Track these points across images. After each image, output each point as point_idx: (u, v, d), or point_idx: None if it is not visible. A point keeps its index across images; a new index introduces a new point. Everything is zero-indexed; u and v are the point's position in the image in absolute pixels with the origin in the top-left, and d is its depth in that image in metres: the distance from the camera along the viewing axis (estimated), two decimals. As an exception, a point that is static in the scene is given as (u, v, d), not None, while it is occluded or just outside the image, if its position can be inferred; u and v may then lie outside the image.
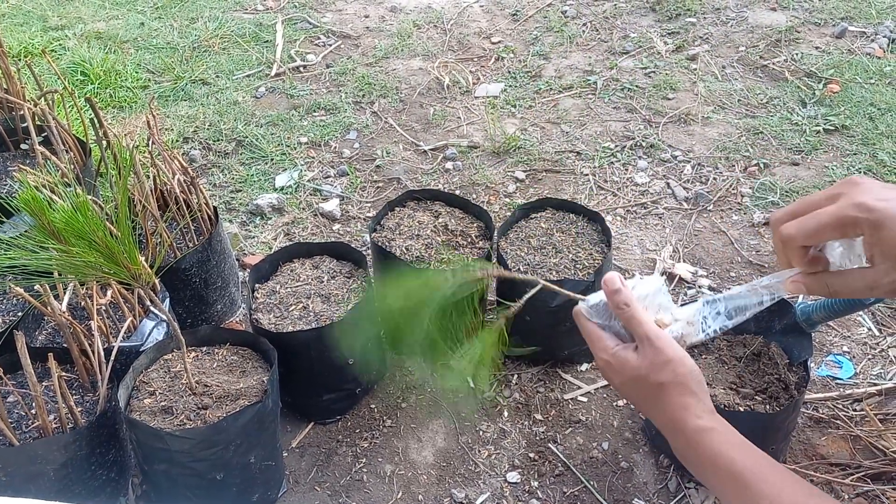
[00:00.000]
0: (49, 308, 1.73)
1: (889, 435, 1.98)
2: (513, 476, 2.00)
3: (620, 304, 0.98)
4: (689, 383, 0.94)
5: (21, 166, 2.25)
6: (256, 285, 2.14)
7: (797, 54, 3.71)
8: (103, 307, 1.95)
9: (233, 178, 3.08)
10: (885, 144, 3.06)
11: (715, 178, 2.98)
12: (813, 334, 1.91)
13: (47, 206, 1.44)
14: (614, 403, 2.17)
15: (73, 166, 2.34)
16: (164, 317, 1.75)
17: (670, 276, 2.55)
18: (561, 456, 2.04)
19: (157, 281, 1.99)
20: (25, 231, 1.51)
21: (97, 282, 1.88)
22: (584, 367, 2.27)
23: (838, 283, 0.83)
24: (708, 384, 1.79)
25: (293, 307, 2.06)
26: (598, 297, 1.06)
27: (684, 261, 2.61)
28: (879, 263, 0.77)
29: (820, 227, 0.80)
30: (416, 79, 3.72)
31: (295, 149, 3.24)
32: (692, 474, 0.99)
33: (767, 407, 1.80)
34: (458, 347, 1.10)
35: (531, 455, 2.05)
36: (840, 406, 2.11)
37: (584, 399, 2.19)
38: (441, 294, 1.08)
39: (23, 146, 2.67)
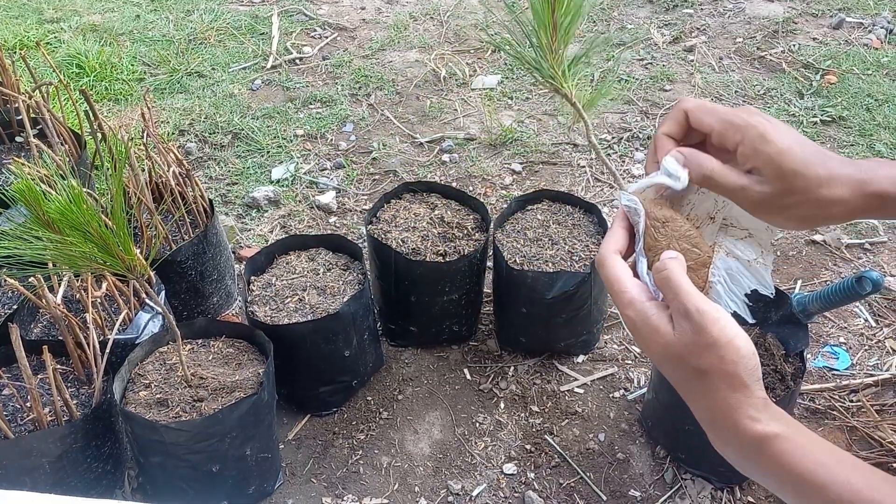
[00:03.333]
0: (44, 300, 1.73)
1: (885, 426, 1.98)
2: (509, 467, 2.00)
3: (660, 267, 0.76)
4: (739, 373, 0.72)
5: (16, 159, 2.24)
6: (252, 278, 2.14)
7: (794, 45, 3.70)
8: (98, 299, 1.95)
9: (229, 171, 3.07)
10: (882, 135, 3.06)
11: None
12: (809, 325, 1.91)
13: (42, 197, 1.44)
14: (610, 395, 2.17)
15: (68, 159, 2.33)
16: (160, 309, 1.75)
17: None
18: (557, 447, 2.04)
19: (152, 273, 1.98)
20: (22, 222, 1.50)
21: (92, 273, 1.87)
22: (581, 358, 2.27)
23: (718, 168, 0.77)
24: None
25: (289, 299, 2.06)
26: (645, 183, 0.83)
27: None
28: (750, 172, 0.76)
29: (713, 109, 0.79)
30: (413, 71, 3.71)
31: (291, 141, 3.23)
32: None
33: (770, 395, 1.80)
34: None
35: (527, 447, 2.05)
36: (836, 397, 2.11)
37: (581, 391, 2.19)
38: None
39: (18, 139, 2.66)
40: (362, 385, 2.19)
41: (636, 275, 0.81)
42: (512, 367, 2.25)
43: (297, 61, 3.84)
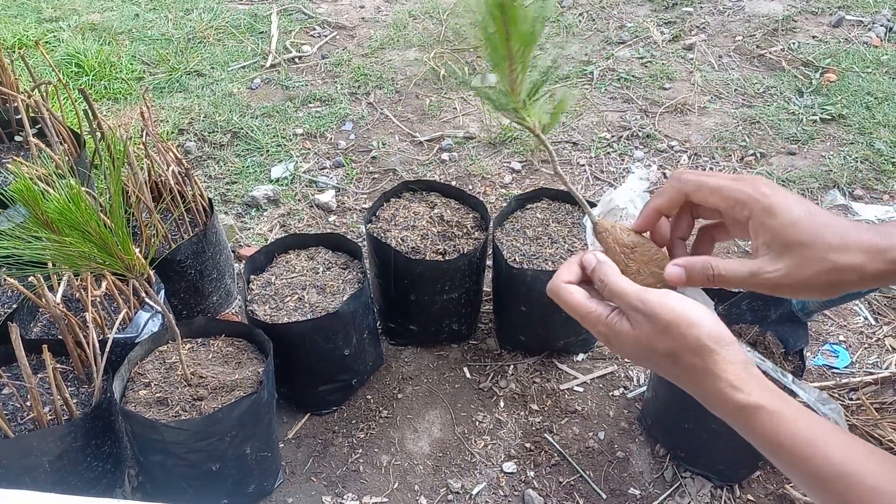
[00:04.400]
0: (43, 300, 1.73)
1: (885, 424, 1.98)
2: (509, 466, 2.00)
3: (597, 280, 0.81)
4: (702, 341, 0.73)
5: (15, 158, 2.24)
6: (252, 276, 2.14)
7: (794, 43, 3.70)
8: (98, 299, 1.95)
9: (228, 170, 3.07)
10: (881, 133, 3.05)
11: (712, 168, 2.97)
12: (809, 323, 1.91)
13: (41, 197, 1.44)
14: (610, 394, 2.17)
15: (67, 158, 2.33)
16: (159, 308, 1.75)
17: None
18: (557, 446, 2.04)
19: (151, 272, 1.98)
20: (21, 222, 1.50)
21: (91, 273, 1.87)
22: (580, 357, 2.27)
23: (722, 265, 0.78)
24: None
25: (289, 298, 2.06)
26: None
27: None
28: (763, 253, 0.75)
29: (716, 187, 0.78)
30: (412, 69, 3.71)
31: (290, 140, 3.23)
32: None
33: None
34: None
35: (527, 445, 2.05)
36: (836, 395, 2.11)
37: (580, 389, 2.19)
38: None
39: (17, 138, 2.66)
40: (362, 384, 2.20)
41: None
42: (511, 366, 2.26)
43: (297, 60, 3.84)
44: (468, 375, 2.24)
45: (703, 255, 0.84)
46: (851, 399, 2.10)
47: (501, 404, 2.15)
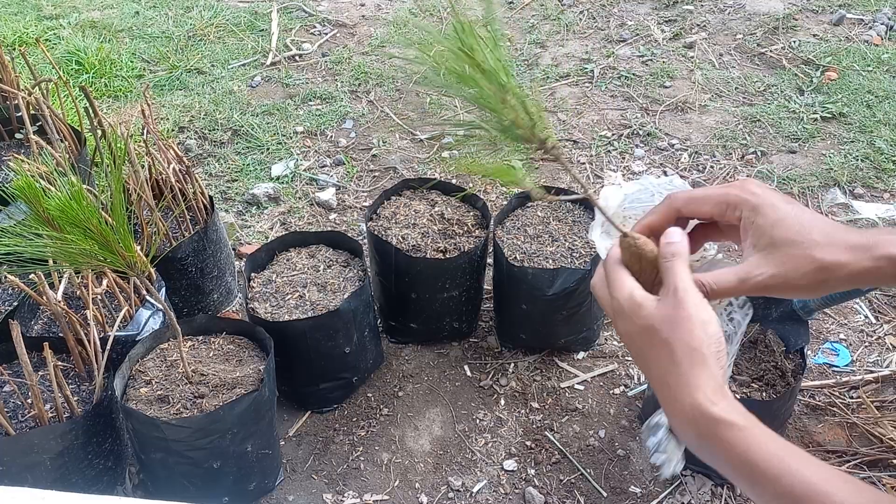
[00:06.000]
0: (44, 297, 1.73)
1: (885, 422, 1.98)
2: (509, 464, 2.00)
3: (668, 254, 0.80)
4: (702, 350, 0.75)
5: (16, 156, 2.24)
6: (253, 274, 2.14)
7: (795, 42, 3.70)
8: (99, 296, 1.95)
9: (228, 168, 3.07)
10: (882, 132, 3.05)
11: (712, 167, 2.97)
12: (809, 322, 1.91)
13: (42, 194, 1.44)
14: (611, 392, 2.17)
15: (67, 155, 2.33)
16: (160, 306, 1.75)
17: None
18: (557, 444, 2.04)
19: (152, 270, 1.98)
20: (22, 219, 1.50)
21: (92, 270, 1.87)
22: (581, 355, 2.27)
23: (712, 279, 0.78)
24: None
25: (289, 296, 2.06)
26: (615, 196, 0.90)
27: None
28: (750, 255, 0.76)
29: (705, 196, 0.80)
30: (412, 67, 3.71)
31: (291, 138, 3.23)
32: (696, 455, 0.78)
33: (764, 394, 1.81)
34: None
35: (528, 443, 2.05)
36: (836, 393, 2.11)
37: (581, 387, 2.19)
38: None
39: (17, 135, 2.66)
40: (362, 382, 2.20)
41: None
42: (512, 364, 2.26)
43: (297, 58, 3.83)
44: (469, 373, 2.24)
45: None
46: (852, 397, 2.10)
47: (502, 402, 2.16)
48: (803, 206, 0.76)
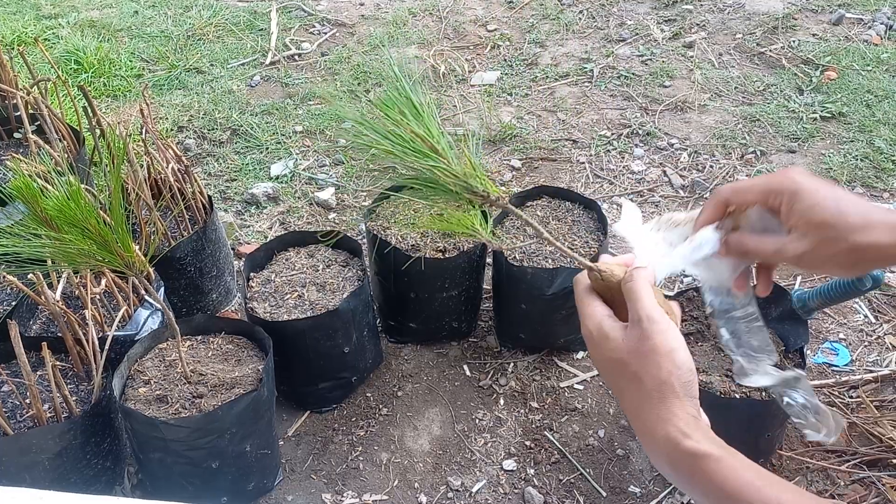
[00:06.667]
0: (43, 297, 1.73)
1: (885, 422, 1.98)
2: (509, 464, 2.00)
3: (627, 278, 0.82)
4: (672, 382, 0.76)
5: (14, 155, 2.24)
6: (252, 274, 2.13)
7: (794, 41, 3.70)
8: (97, 296, 1.95)
9: (228, 167, 3.07)
10: (881, 131, 3.05)
11: (711, 166, 2.97)
12: (809, 321, 1.91)
13: (40, 194, 1.43)
14: (610, 391, 2.17)
15: (66, 155, 2.33)
16: (159, 305, 1.75)
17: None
18: (557, 444, 2.04)
19: (151, 270, 1.98)
20: (20, 219, 1.50)
21: (91, 270, 1.87)
22: (580, 355, 2.27)
23: (752, 242, 0.84)
24: (704, 371, 1.79)
25: (288, 296, 2.05)
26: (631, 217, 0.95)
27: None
28: (791, 231, 0.81)
29: (751, 185, 0.84)
30: (412, 67, 3.70)
31: (290, 138, 3.23)
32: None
33: (763, 394, 1.80)
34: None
35: (527, 443, 2.05)
36: (836, 393, 2.11)
37: (581, 387, 2.19)
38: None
39: (16, 135, 2.66)
40: (362, 382, 2.19)
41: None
42: (511, 364, 2.25)
43: (296, 57, 3.83)
44: (468, 373, 2.24)
45: (765, 287, 0.91)
46: (851, 397, 2.10)
47: (501, 402, 2.15)
48: (845, 191, 0.80)
